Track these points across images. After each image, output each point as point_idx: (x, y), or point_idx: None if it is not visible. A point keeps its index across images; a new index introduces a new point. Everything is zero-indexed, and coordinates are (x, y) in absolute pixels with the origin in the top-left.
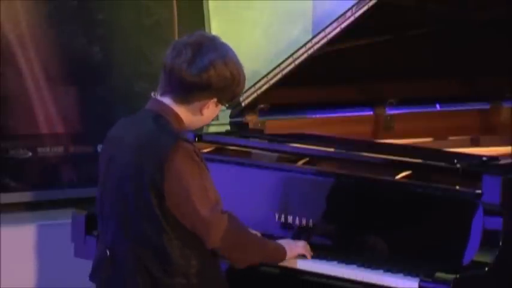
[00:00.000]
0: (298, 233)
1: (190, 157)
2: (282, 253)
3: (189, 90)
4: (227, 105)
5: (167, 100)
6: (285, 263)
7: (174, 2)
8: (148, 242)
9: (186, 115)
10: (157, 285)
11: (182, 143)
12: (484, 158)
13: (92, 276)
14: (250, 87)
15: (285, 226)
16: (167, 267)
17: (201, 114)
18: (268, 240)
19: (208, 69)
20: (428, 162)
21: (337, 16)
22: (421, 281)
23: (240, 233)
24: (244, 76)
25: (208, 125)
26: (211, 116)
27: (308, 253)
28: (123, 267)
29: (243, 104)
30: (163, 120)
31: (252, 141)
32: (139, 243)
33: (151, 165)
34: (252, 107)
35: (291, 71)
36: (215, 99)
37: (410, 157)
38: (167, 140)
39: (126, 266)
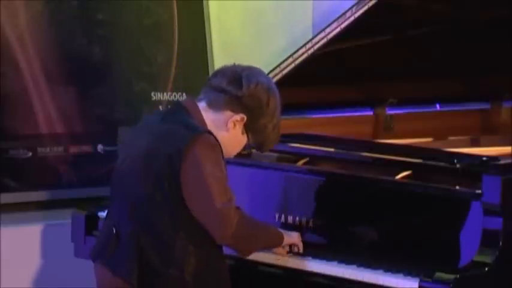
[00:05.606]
0: None
1: (211, 148)
2: (280, 238)
3: (220, 93)
4: (253, 143)
5: (201, 104)
6: (285, 263)
7: (174, 2)
8: (152, 228)
9: (211, 123)
10: (152, 273)
11: (206, 134)
12: (484, 158)
13: (96, 255)
14: None
15: (285, 226)
16: (166, 256)
17: (226, 129)
18: (269, 226)
19: (249, 82)
20: (428, 162)
21: (337, 16)
22: (421, 281)
23: (250, 227)
24: (278, 121)
25: None
26: (235, 141)
27: (301, 244)
28: (124, 249)
29: None
30: (190, 118)
31: None
32: (143, 228)
33: (171, 151)
34: None
35: (291, 71)
36: (243, 116)
37: (410, 157)
38: (191, 129)
39: (126, 248)
